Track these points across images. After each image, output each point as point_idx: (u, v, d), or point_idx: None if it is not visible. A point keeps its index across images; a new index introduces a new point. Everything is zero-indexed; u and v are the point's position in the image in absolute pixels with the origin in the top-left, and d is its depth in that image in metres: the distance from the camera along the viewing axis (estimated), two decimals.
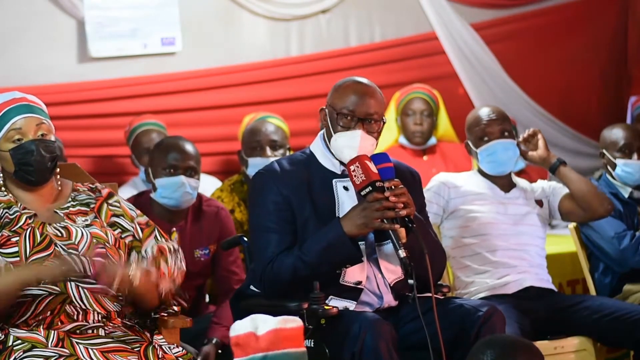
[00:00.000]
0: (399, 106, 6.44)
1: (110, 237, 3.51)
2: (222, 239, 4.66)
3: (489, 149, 4.54)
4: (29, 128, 3.47)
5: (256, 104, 6.73)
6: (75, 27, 6.48)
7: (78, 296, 3.42)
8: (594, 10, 7.61)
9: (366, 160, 3.58)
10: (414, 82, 6.70)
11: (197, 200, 4.73)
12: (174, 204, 4.60)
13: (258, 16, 6.94)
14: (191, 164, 4.62)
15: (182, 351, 3.44)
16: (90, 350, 3.31)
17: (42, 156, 3.46)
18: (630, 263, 4.78)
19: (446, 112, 6.53)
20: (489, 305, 3.65)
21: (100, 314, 3.44)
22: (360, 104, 3.69)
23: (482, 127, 4.56)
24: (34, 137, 3.47)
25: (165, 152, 4.64)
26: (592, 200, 4.54)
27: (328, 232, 3.59)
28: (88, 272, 3.32)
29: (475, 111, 4.68)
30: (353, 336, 3.42)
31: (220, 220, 4.75)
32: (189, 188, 4.58)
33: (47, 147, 3.47)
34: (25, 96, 3.54)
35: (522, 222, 4.53)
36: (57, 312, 3.39)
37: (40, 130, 3.48)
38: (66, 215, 3.52)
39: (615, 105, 7.60)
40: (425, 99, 6.41)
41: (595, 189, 4.58)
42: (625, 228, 4.80)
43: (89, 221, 3.52)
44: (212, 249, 4.70)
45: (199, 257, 4.67)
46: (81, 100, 6.45)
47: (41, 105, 3.55)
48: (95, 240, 3.46)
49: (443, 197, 4.55)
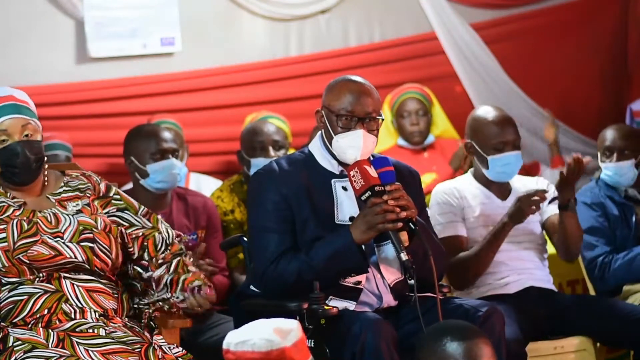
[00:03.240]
0: (393, 108, 6.45)
1: (100, 222, 3.53)
2: (210, 226, 4.81)
3: (504, 159, 4.45)
4: (14, 129, 3.49)
5: (256, 104, 6.73)
6: (75, 27, 6.47)
7: (74, 294, 3.43)
8: (594, 11, 7.60)
9: (365, 165, 3.59)
10: (414, 82, 6.70)
11: (183, 191, 4.90)
12: (169, 185, 4.74)
13: (257, 16, 6.93)
14: (174, 147, 4.80)
15: (182, 351, 3.45)
16: (91, 352, 3.32)
17: (27, 157, 3.48)
18: (605, 287, 4.79)
19: (442, 109, 6.53)
20: (488, 305, 3.66)
21: (97, 312, 3.45)
22: (358, 103, 3.69)
23: (497, 136, 4.45)
24: (19, 138, 3.49)
25: (148, 139, 4.77)
26: (573, 246, 4.49)
27: (336, 239, 3.60)
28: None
29: (485, 114, 4.54)
30: (353, 336, 3.42)
31: (208, 209, 4.87)
32: (177, 169, 4.75)
33: (32, 148, 3.50)
34: (13, 94, 3.54)
35: (520, 229, 4.48)
36: (54, 311, 3.40)
37: (26, 131, 3.50)
38: (58, 202, 3.54)
39: (615, 105, 7.60)
40: (419, 98, 6.42)
41: (581, 239, 4.52)
42: (597, 254, 4.79)
43: (79, 206, 3.55)
44: (200, 234, 4.75)
45: (187, 242, 4.71)
46: (81, 100, 6.44)
47: (29, 103, 3.56)
48: (82, 227, 3.48)
49: (456, 206, 4.49)
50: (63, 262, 3.44)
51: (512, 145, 4.47)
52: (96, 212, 3.57)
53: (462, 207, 4.47)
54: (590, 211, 4.87)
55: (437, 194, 4.52)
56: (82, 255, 3.46)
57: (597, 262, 4.78)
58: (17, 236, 3.43)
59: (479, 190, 4.53)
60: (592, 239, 4.79)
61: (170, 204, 4.79)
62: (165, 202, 4.78)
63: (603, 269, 4.76)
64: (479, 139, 4.50)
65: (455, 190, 4.51)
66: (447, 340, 2.79)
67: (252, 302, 3.74)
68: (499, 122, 4.49)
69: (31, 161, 3.49)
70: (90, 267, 3.47)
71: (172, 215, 4.74)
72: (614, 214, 4.87)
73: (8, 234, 3.42)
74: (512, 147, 4.46)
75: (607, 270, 4.76)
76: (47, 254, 3.42)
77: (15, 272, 3.42)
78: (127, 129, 5.85)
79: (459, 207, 4.47)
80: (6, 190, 3.54)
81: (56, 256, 3.43)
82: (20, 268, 3.42)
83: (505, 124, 4.49)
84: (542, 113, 6.98)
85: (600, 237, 4.81)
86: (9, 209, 3.49)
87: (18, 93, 3.56)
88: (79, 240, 3.47)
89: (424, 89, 6.51)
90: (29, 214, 3.48)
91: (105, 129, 6.50)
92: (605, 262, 4.76)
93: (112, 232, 3.54)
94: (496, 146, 4.46)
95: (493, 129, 4.48)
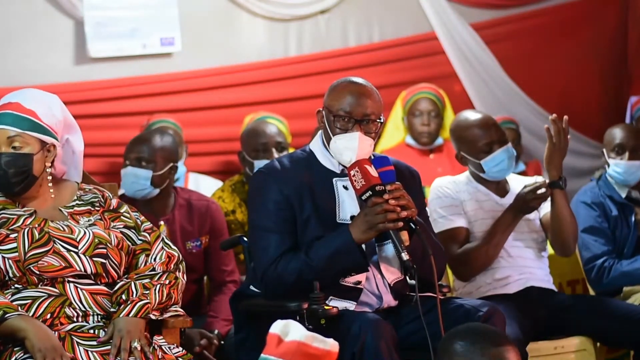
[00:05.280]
0: (406, 106, 6.44)
1: (113, 238, 3.50)
2: (214, 231, 4.75)
3: (496, 158, 4.46)
4: (0, 140, 3.44)
5: (255, 104, 6.73)
6: (74, 27, 6.47)
7: (77, 298, 3.41)
8: (594, 11, 7.60)
9: (366, 164, 3.58)
10: (414, 82, 6.71)
11: (187, 194, 4.82)
12: (128, 194, 4.68)
13: (257, 16, 6.93)
14: (141, 155, 4.70)
15: (182, 351, 3.44)
16: (90, 353, 3.31)
17: (4, 171, 3.42)
18: (601, 290, 4.78)
19: (453, 112, 6.53)
20: (489, 305, 3.65)
21: (99, 315, 3.44)
22: (357, 104, 3.68)
23: (482, 138, 4.46)
24: (6, 149, 3.42)
25: (130, 145, 4.77)
26: (566, 233, 4.43)
27: (336, 238, 3.59)
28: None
29: (464, 121, 4.55)
30: (353, 336, 3.41)
31: (212, 213, 4.81)
32: (133, 178, 4.66)
33: (9, 162, 3.43)
34: (19, 101, 3.47)
35: (519, 227, 4.49)
36: (57, 314, 3.38)
37: (14, 143, 3.44)
38: (70, 215, 3.51)
39: (615, 105, 7.60)
40: (432, 99, 6.41)
41: (575, 227, 4.48)
42: (596, 254, 4.78)
43: (92, 221, 3.52)
44: (203, 240, 4.73)
45: (190, 249, 4.71)
46: (80, 100, 6.43)
47: (33, 112, 3.47)
48: (98, 241, 3.46)
49: (456, 198, 4.50)
50: (72, 275, 3.43)
51: (499, 142, 4.48)
52: (109, 227, 3.54)
53: (461, 200, 4.48)
54: (589, 211, 4.86)
55: (435, 188, 4.54)
56: (92, 269, 3.43)
57: (595, 264, 4.77)
58: (27, 246, 3.39)
59: (476, 188, 4.55)
60: (590, 239, 4.79)
61: (173, 210, 4.75)
62: (166, 207, 4.74)
63: (602, 272, 4.75)
64: (466, 147, 4.52)
65: (453, 184, 4.53)
66: (478, 346, 2.77)
67: (252, 302, 3.73)
68: (480, 125, 4.51)
69: (9, 175, 3.42)
70: (95, 280, 3.46)
71: (175, 221, 4.71)
72: (613, 214, 4.86)
73: (19, 244, 3.39)
74: (500, 144, 4.47)
75: (606, 276, 4.75)
76: (57, 265, 3.40)
77: (25, 281, 3.41)
78: (127, 129, 5.86)
79: (458, 199, 4.48)
80: (15, 201, 3.51)
81: (66, 268, 3.40)
82: (30, 278, 3.40)
83: (486, 125, 4.51)
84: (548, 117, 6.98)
85: (599, 237, 4.80)
86: (20, 218, 3.45)
87: (25, 102, 3.48)
88: (92, 254, 3.44)
89: (439, 90, 6.51)
90: (40, 222, 3.45)
91: (104, 129, 6.49)
92: (604, 267, 4.75)
93: (124, 249, 3.52)
94: (484, 148, 4.47)
95: (476, 132, 4.50)
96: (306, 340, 2.90)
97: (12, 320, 3.28)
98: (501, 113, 6.75)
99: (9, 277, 3.39)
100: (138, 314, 3.40)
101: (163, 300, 3.47)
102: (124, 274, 3.54)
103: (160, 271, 3.53)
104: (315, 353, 2.90)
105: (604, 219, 4.85)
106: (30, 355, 3.24)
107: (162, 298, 3.47)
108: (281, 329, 2.93)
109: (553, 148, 4.38)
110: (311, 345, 2.90)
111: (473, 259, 4.38)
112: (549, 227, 4.48)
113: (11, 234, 3.41)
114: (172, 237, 4.63)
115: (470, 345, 2.74)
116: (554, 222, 4.41)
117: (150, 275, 3.52)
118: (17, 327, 3.28)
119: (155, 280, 3.50)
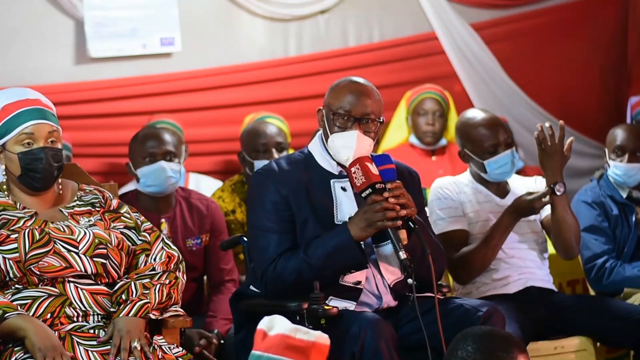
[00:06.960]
0: (411, 105, 6.44)
1: (114, 238, 3.51)
2: (214, 229, 4.76)
3: (499, 160, 4.45)
4: (40, 134, 3.47)
5: (255, 104, 6.73)
6: (75, 27, 6.47)
7: (78, 298, 3.42)
8: (594, 11, 7.60)
9: (367, 162, 3.58)
10: (413, 82, 6.71)
11: (187, 193, 4.82)
12: (160, 189, 4.65)
13: (257, 16, 6.93)
14: (168, 149, 4.69)
15: (182, 351, 3.44)
16: (90, 353, 3.31)
17: (50, 165, 3.47)
18: (601, 288, 4.78)
19: (457, 114, 6.52)
20: (489, 305, 3.65)
21: (100, 315, 3.44)
22: (357, 103, 3.68)
23: (488, 138, 4.45)
24: (44, 144, 3.47)
25: (142, 143, 4.70)
26: (567, 237, 4.40)
27: (335, 236, 3.59)
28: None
29: (472, 119, 4.53)
30: (353, 336, 3.42)
31: (212, 212, 4.81)
32: (170, 172, 4.64)
33: (55, 156, 3.48)
34: (39, 98, 3.52)
35: (520, 228, 4.48)
36: (57, 314, 3.39)
37: (51, 138, 3.48)
38: (70, 215, 3.52)
39: (615, 105, 7.60)
40: (437, 99, 6.41)
41: (577, 229, 4.43)
42: (596, 253, 4.78)
43: (92, 221, 3.53)
44: (204, 238, 4.73)
45: (191, 247, 4.72)
46: (80, 100, 6.44)
47: (52, 109, 3.54)
48: (98, 241, 3.46)
49: (456, 200, 4.49)
50: (73, 275, 3.43)
51: (505, 145, 4.47)
52: (109, 227, 3.55)
53: (461, 201, 4.47)
54: (590, 210, 4.86)
55: (436, 189, 4.53)
56: (92, 269, 3.44)
57: (596, 263, 4.77)
58: (28, 247, 3.40)
59: (477, 189, 4.54)
60: (591, 238, 4.79)
61: (174, 208, 4.75)
62: (168, 205, 4.74)
63: (602, 272, 4.75)
64: (471, 146, 4.51)
65: (454, 185, 4.52)
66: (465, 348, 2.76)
67: (252, 302, 3.73)
68: (488, 125, 4.49)
69: (53, 169, 3.48)
70: (95, 280, 3.47)
71: (175, 219, 4.72)
72: (614, 214, 4.86)
73: (19, 244, 3.40)
74: (505, 146, 4.47)
75: (606, 277, 4.74)
76: (58, 265, 3.40)
77: (25, 282, 3.41)
78: (127, 129, 5.85)
79: (458, 201, 4.47)
80: (15, 202, 3.52)
81: (66, 268, 3.41)
82: (30, 278, 3.41)
83: (494, 125, 4.49)
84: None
85: (600, 236, 4.80)
86: (20, 220, 3.46)
87: (44, 99, 3.53)
88: (92, 254, 3.45)
89: (444, 92, 6.51)
90: (41, 224, 3.46)
91: (105, 129, 6.50)
92: (605, 267, 4.75)
93: (124, 249, 3.53)
94: (489, 149, 4.46)
95: (483, 132, 4.48)
96: (290, 333, 2.91)
97: (12, 320, 3.28)
98: (501, 113, 6.74)
99: (9, 277, 3.40)
100: (138, 313, 3.40)
101: (163, 300, 3.48)
102: (124, 274, 3.54)
103: (160, 271, 3.54)
104: (300, 345, 2.90)
105: (604, 219, 4.85)
106: (30, 354, 3.25)
107: (162, 298, 3.48)
108: (266, 324, 2.95)
109: (542, 154, 4.37)
110: (295, 338, 2.91)
111: (471, 261, 4.38)
112: (551, 230, 4.48)
113: (12, 235, 3.41)
114: (173, 235, 4.64)
115: (480, 349, 2.74)
116: (554, 226, 4.41)
117: (150, 275, 3.52)
118: (17, 326, 3.28)
119: (155, 280, 3.51)
